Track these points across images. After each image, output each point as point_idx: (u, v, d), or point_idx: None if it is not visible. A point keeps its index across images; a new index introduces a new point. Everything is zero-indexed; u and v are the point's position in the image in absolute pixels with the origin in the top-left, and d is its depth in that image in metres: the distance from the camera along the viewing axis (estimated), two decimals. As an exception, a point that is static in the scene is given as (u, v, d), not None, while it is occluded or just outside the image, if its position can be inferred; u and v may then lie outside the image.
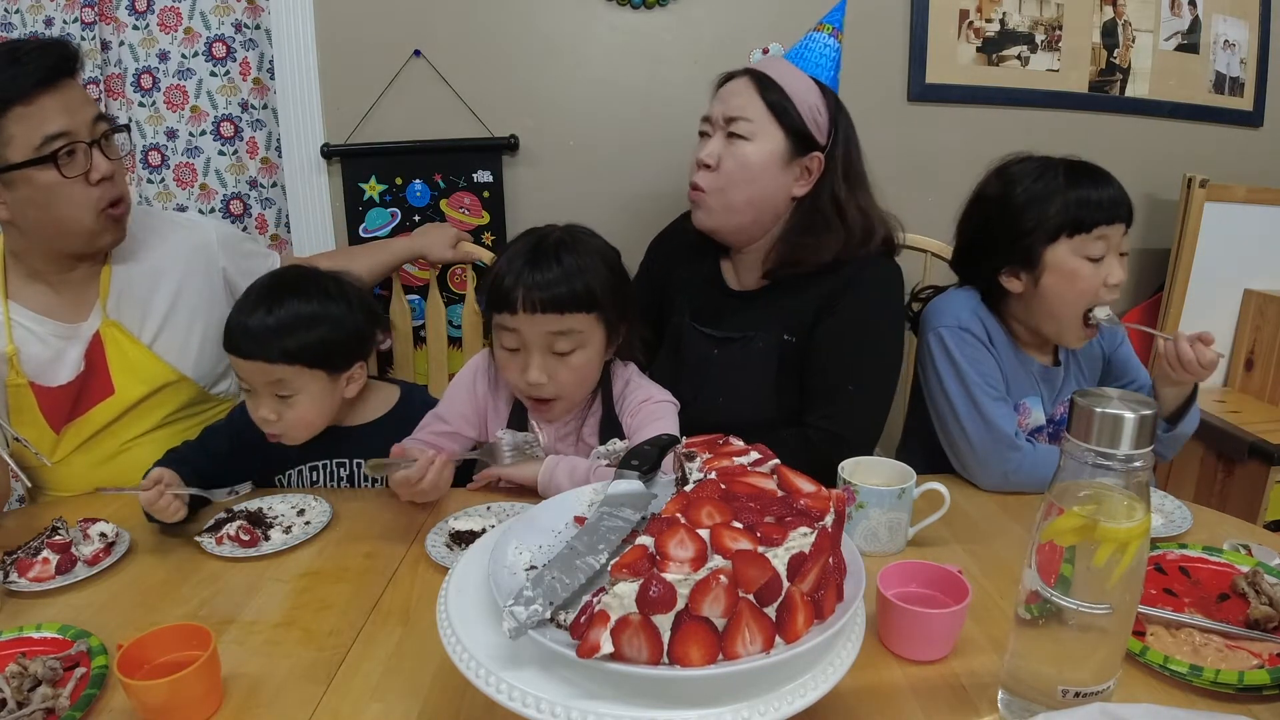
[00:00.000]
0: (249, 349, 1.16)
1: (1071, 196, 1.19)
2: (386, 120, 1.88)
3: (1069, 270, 1.20)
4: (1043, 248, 1.21)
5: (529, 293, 1.09)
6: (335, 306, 1.21)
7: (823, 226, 1.27)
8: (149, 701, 0.72)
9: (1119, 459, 0.63)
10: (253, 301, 1.18)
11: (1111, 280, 1.21)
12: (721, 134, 1.28)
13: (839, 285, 1.26)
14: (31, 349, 1.23)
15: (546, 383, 1.14)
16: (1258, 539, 1.05)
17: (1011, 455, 1.21)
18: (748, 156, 1.26)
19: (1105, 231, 1.19)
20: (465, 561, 0.71)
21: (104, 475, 1.29)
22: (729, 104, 1.27)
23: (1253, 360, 2.11)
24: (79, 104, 1.14)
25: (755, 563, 0.56)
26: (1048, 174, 1.22)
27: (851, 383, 1.24)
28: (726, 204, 1.29)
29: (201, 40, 1.81)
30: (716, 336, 1.34)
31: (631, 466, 0.78)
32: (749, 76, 1.28)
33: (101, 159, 1.16)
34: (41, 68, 1.10)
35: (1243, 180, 2.04)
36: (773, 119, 1.25)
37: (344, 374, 1.23)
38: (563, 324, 1.11)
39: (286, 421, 1.20)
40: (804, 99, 1.26)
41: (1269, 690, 0.75)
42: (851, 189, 1.29)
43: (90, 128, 1.15)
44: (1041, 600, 0.67)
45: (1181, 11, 2.07)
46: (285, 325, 1.16)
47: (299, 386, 1.18)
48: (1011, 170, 1.27)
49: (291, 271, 1.28)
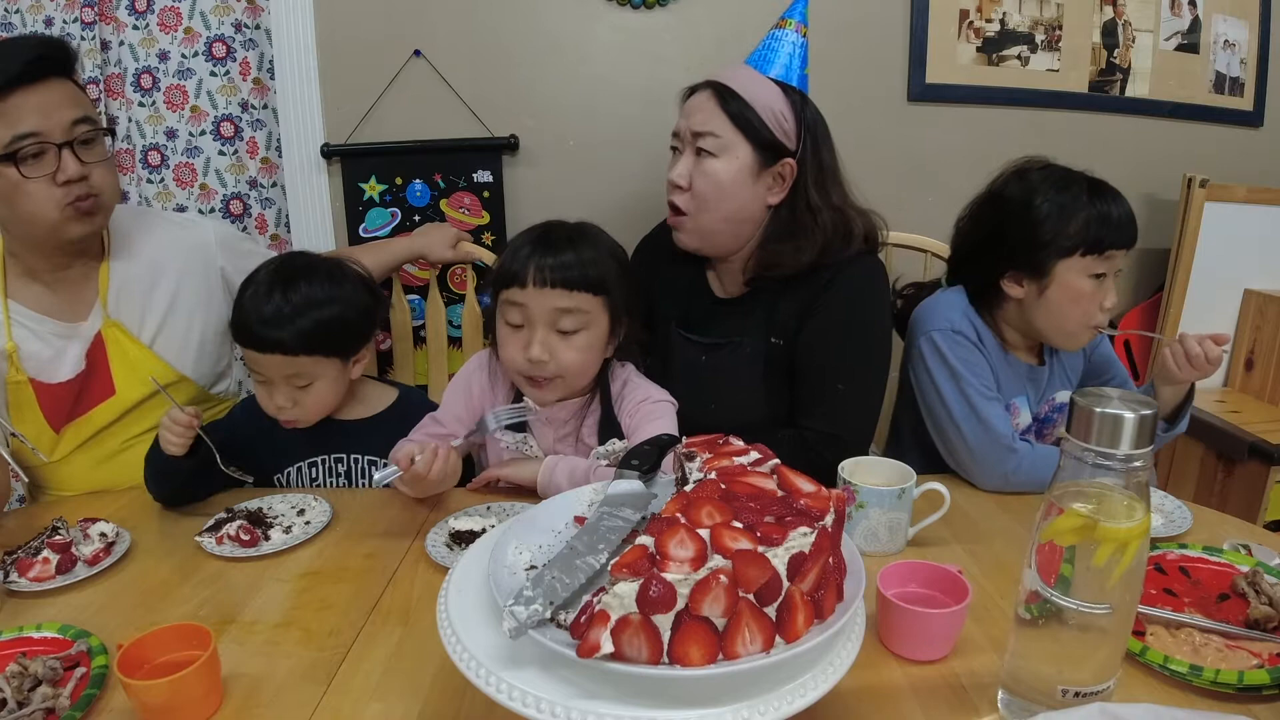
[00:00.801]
0: (268, 340, 1.16)
1: (1094, 215, 1.19)
2: (386, 120, 1.88)
3: (1074, 287, 1.22)
4: (1055, 261, 1.21)
5: (540, 268, 1.12)
6: (342, 288, 1.23)
7: (800, 231, 1.26)
8: (149, 701, 0.72)
9: (1119, 459, 0.63)
10: (264, 291, 1.18)
11: (1107, 304, 1.23)
12: (690, 151, 1.26)
13: (820, 286, 1.25)
14: (31, 346, 1.23)
15: (548, 360, 1.15)
16: (1258, 539, 1.05)
17: (1010, 456, 1.21)
18: (718, 174, 1.24)
19: (1115, 254, 1.20)
20: (465, 561, 0.71)
21: (105, 475, 1.30)
22: (693, 119, 1.25)
23: (1253, 360, 2.11)
24: (58, 105, 1.12)
25: (755, 562, 0.56)
26: (1072, 187, 1.22)
27: (841, 382, 1.24)
28: (703, 225, 1.28)
29: (201, 40, 1.81)
30: (704, 343, 1.34)
31: (631, 466, 0.78)
32: (710, 90, 1.25)
33: (71, 162, 1.13)
34: (19, 64, 1.08)
35: (1243, 180, 2.04)
36: (738, 132, 1.23)
37: (355, 356, 1.26)
38: (571, 300, 1.13)
39: (303, 407, 1.22)
40: (768, 106, 1.23)
41: (1269, 690, 0.75)
42: (826, 190, 1.27)
43: (66, 129, 1.12)
44: (1041, 600, 0.67)
45: (1181, 11, 2.07)
46: (301, 310, 1.17)
47: (316, 374, 1.20)
48: (1033, 177, 1.26)
49: (293, 259, 1.28)
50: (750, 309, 1.31)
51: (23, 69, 1.08)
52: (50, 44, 1.15)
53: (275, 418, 1.24)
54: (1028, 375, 1.33)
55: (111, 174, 1.21)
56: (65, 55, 1.16)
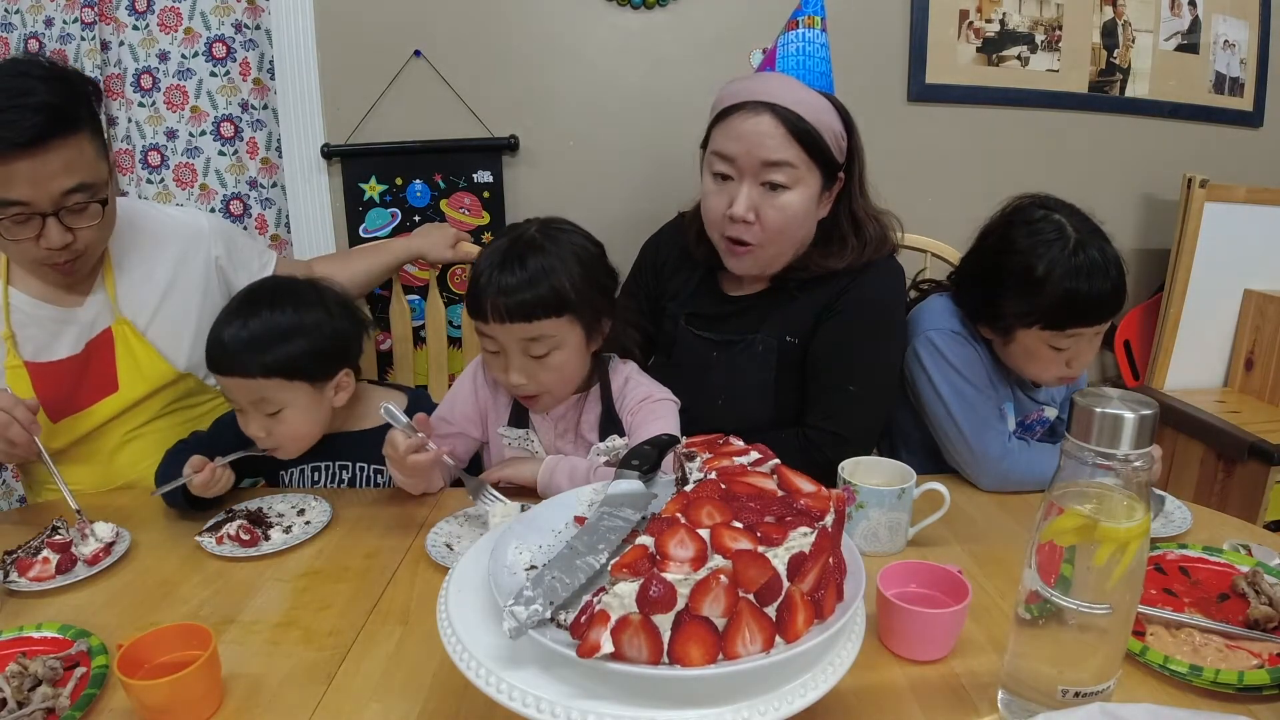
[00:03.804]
0: (226, 364, 1.15)
1: (1060, 294, 1.14)
2: (386, 120, 1.88)
3: (1033, 351, 1.21)
4: (1016, 328, 1.21)
5: (496, 301, 1.10)
6: (311, 315, 1.19)
7: (839, 241, 1.26)
8: (149, 701, 0.72)
9: (1119, 459, 0.63)
10: (228, 315, 1.17)
11: (1074, 366, 1.21)
12: (752, 181, 1.18)
13: (841, 286, 1.25)
14: (28, 330, 1.23)
15: (527, 383, 1.16)
16: (1258, 539, 1.05)
17: (1008, 454, 1.21)
18: (794, 207, 1.18)
19: (1080, 330, 1.17)
20: (465, 561, 0.71)
21: (105, 470, 1.30)
22: (761, 148, 1.16)
23: (1253, 360, 2.11)
24: (55, 174, 1.07)
25: (755, 562, 0.56)
26: (1053, 249, 1.15)
27: (853, 383, 1.24)
28: (771, 255, 1.24)
29: (201, 40, 1.81)
30: (716, 340, 1.33)
31: (631, 466, 0.79)
32: (773, 114, 1.15)
33: (56, 232, 1.10)
34: (26, 133, 1.02)
35: (1243, 180, 2.04)
36: (810, 162, 1.17)
37: (329, 383, 1.21)
38: (533, 330, 1.12)
39: (277, 437, 1.18)
40: (830, 127, 1.19)
41: (1269, 690, 0.75)
42: (868, 198, 1.27)
43: (56, 200, 1.08)
44: (1041, 600, 0.67)
45: (1181, 11, 2.07)
46: (259, 338, 1.14)
47: (284, 400, 1.16)
48: (1015, 232, 1.20)
49: (267, 283, 1.27)
50: (766, 307, 1.30)
51: (30, 137, 1.03)
52: (64, 94, 1.07)
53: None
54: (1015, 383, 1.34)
55: (101, 230, 1.18)
56: (77, 108, 1.09)
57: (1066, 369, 1.22)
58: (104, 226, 1.18)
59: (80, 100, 1.10)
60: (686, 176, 1.34)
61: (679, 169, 1.40)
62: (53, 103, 1.05)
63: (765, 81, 1.20)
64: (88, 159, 1.11)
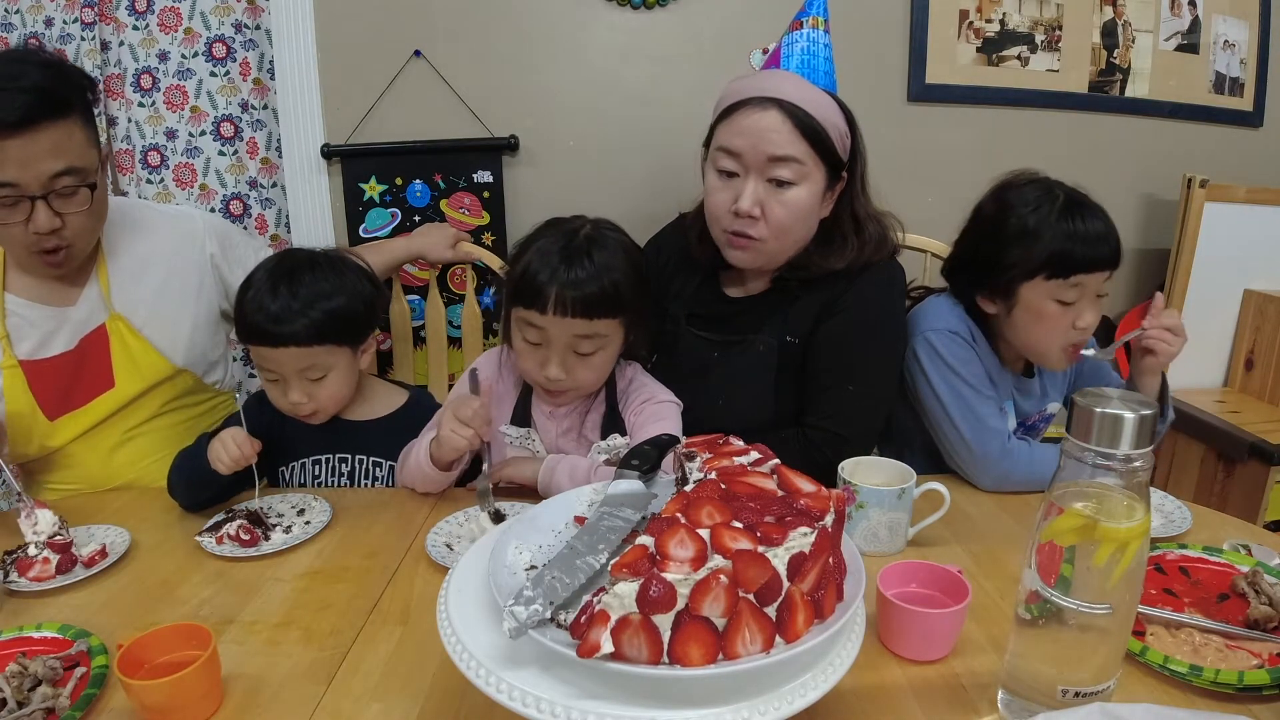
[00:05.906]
0: (279, 335, 1.16)
1: (1059, 239, 1.17)
2: (386, 120, 1.88)
3: (1038, 309, 1.21)
4: (1020, 284, 1.21)
5: (562, 293, 1.08)
6: (348, 279, 1.24)
7: (839, 240, 1.26)
8: (149, 701, 0.72)
9: (1119, 459, 0.63)
10: (268, 289, 1.17)
11: (1080, 324, 1.21)
12: (757, 177, 1.18)
13: (841, 287, 1.25)
14: (22, 331, 1.24)
15: (564, 378, 1.15)
16: (1258, 539, 1.05)
17: (1007, 455, 1.21)
18: (799, 203, 1.19)
19: (1083, 279, 1.18)
20: (465, 561, 0.71)
21: (106, 468, 1.30)
22: (769, 142, 1.16)
23: (1253, 360, 2.11)
24: (44, 155, 1.07)
25: (755, 562, 0.56)
26: (1043, 207, 1.19)
27: (853, 383, 1.24)
28: (774, 250, 1.24)
29: (201, 40, 1.81)
30: (716, 340, 1.33)
31: (632, 466, 0.78)
32: (780, 110, 1.16)
33: (44, 215, 1.10)
34: (15, 112, 1.03)
35: (1243, 180, 2.04)
36: (816, 157, 1.18)
37: (362, 345, 1.27)
38: (590, 328, 1.11)
39: (319, 400, 1.22)
40: (834, 124, 1.19)
41: (1269, 690, 0.75)
42: (868, 198, 1.27)
43: (45, 182, 1.09)
44: (1041, 600, 0.67)
45: (1181, 11, 2.07)
46: (311, 305, 1.17)
47: (329, 364, 1.20)
48: (1009, 196, 1.24)
49: (292, 254, 1.27)
50: (767, 307, 1.30)
51: (18, 117, 1.04)
52: (56, 80, 1.08)
53: (291, 415, 1.24)
54: (1015, 384, 1.34)
55: (91, 219, 1.18)
56: (68, 94, 1.09)
57: (1074, 332, 1.21)
58: (93, 215, 1.18)
59: (72, 88, 1.11)
60: (687, 176, 1.34)
61: (679, 169, 1.40)
62: (44, 86, 1.06)
63: (772, 78, 1.21)
64: (77, 144, 1.12)
